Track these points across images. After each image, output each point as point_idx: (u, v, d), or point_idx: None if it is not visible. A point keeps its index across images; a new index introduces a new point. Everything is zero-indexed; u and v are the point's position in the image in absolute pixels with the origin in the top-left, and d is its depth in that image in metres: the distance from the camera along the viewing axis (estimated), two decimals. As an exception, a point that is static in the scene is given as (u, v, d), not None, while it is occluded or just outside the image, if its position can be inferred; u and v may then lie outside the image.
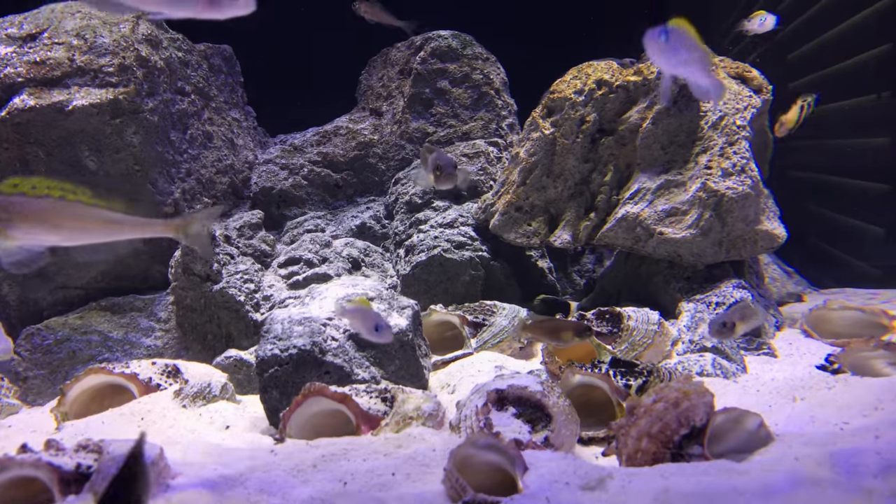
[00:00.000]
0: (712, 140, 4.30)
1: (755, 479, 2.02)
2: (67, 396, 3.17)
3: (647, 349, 3.52)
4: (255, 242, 4.37)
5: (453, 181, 2.75)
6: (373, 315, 2.52)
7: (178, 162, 4.15)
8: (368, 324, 2.51)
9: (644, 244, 4.32)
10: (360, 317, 2.58)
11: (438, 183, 2.74)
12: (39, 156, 3.66)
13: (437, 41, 5.29)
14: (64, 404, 3.15)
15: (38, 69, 3.65)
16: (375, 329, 2.47)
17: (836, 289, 5.93)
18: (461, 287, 4.54)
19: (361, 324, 2.57)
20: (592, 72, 4.52)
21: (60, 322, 3.84)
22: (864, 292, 5.69)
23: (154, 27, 4.12)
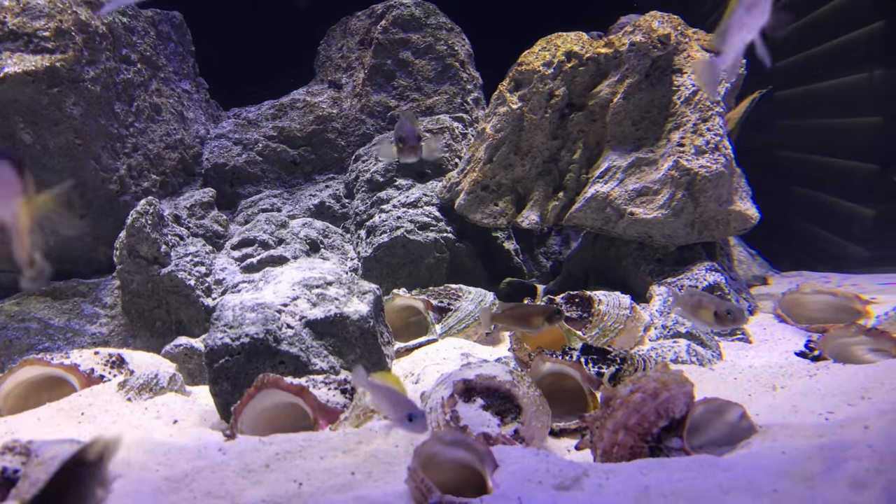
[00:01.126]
0: (685, 116, 4.18)
1: (741, 475, 1.91)
2: (0, 391, 2.94)
3: (618, 335, 3.40)
4: (206, 222, 4.15)
5: (416, 154, 2.57)
6: (405, 402, 2.06)
7: (123, 136, 3.90)
8: (399, 412, 2.05)
9: (614, 225, 4.20)
10: (388, 400, 2.10)
11: (401, 156, 2.55)
12: (-33, 128, 3.39)
13: (398, 9, 5.07)
14: (-5, 399, 2.93)
15: (-37, 32, 3.37)
16: (409, 419, 2.04)
17: (794, 272, 5.94)
18: (425, 270, 4.38)
19: (390, 409, 2.09)
20: (562, 43, 4.36)
21: (-5, 308, 3.60)
22: (819, 276, 5.73)
23: (94, -11, 3.84)
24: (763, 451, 2.15)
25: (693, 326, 3.39)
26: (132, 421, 2.80)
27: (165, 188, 4.23)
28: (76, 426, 2.78)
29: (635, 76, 4.18)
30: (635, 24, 4.28)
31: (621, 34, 4.30)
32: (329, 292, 3.13)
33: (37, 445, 2.12)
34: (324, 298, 3.08)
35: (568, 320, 3.55)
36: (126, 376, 3.10)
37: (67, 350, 3.60)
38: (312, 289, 3.12)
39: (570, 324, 3.53)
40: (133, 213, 3.53)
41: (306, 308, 3.02)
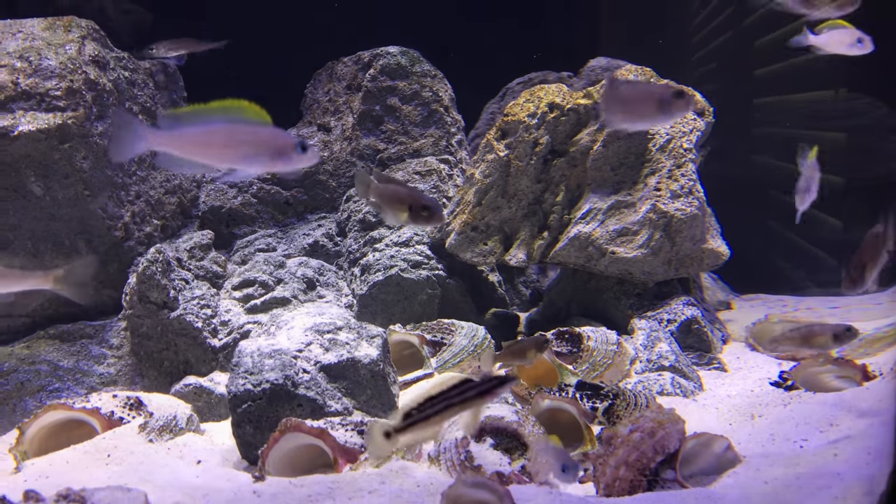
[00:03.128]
0: (660, 162, 4.52)
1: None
2: (26, 435, 3.10)
3: (607, 369, 3.69)
4: (206, 264, 4.34)
5: (440, 220, 2.75)
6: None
7: (126, 185, 4.08)
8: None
9: (596, 262, 4.51)
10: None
11: (418, 222, 2.74)
12: (-18, 182, 3.56)
13: (385, 58, 5.35)
14: (23, 443, 3.08)
15: (-21, 92, 3.54)
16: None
17: (752, 294, 6.31)
18: (418, 306, 4.62)
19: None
20: (544, 95, 4.68)
21: (6, 352, 3.73)
22: (775, 298, 6.13)
23: (100, 47, 4.03)
24: (748, 480, 2.44)
25: (676, 360, 3.69)
26: (158, 461, 2.98)
27: (165, 231, 4.42)
28: (104, 468, 2.96)
29: (614, 126, 4.51)
30: (612, 76, 4.62)
31: (599, 87, 4.63)
32: (340, 337, 3.35)
33: (89, 493, 2.31)
34: (335, 343, 3.31)
35: (558, 355, 3.83)
36: (145, 418, 3.28)
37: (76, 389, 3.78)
38: (324, 334, 3.35)
39: (561, 358, 3.80)
40: (143, 261, 3.73)
41: (320, 353, 3.25)
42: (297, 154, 2.11)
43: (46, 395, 3.66)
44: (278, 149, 2.09)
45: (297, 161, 2.14)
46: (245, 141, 2.08)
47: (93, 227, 3.86)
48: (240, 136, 2.08)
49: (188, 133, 2.05)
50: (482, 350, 4.16)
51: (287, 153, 2.10)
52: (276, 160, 2.12)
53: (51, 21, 3.91)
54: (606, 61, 6.76)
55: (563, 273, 5.28)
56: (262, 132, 2.11)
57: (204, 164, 2.14)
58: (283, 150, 2.10)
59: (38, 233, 3.76)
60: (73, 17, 3.99)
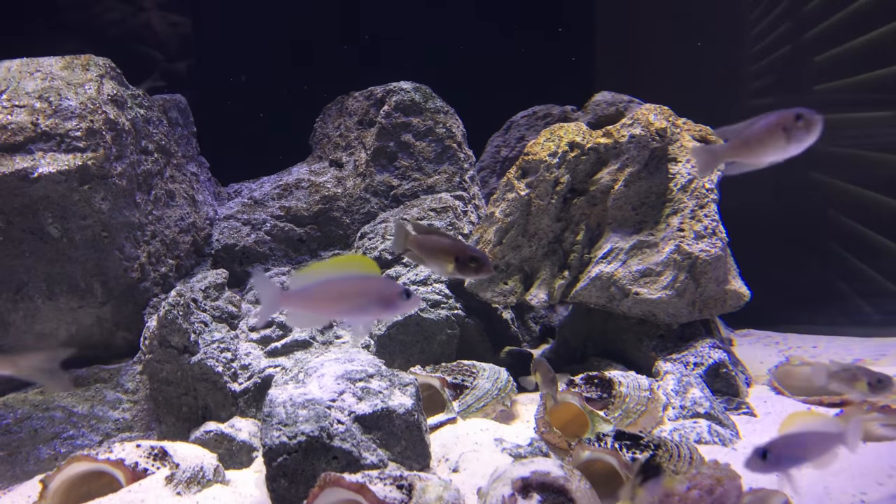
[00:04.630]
0: (682, 202, 4.54)
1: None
2: (49, 488, 3.03)
3: (641, 416, 3.67)
4: (221, 304, 4.29)
5: (489, 272, 2.73)
6: None
7: (143, 224, 4.04)
8: None
9: (619, 303, 4.50)
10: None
11: (465, 274, 2.71)
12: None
13: (399, 94, 5.36)
14: (45, 497, 3.01)
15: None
16: None
17: (743, 330, 6.38)
18: (437, 347, 4.59)
19: None
20: (564, 134, 4.70)
21: (20, 399, 3.66)
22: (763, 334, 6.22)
23: (118, 85, 4.01)
24: (811, 540, 2.42)
25: (711, 406, 3.68)
26: (188, 519, 2.92)
27: (180, 271, 4.37)
28: (133, 527, 2.89)
29: (635, 166, 4.53)
30: (633, 117, 4.65)
31: (619, 126, 4.66)
32: (372, 385, 3.31)
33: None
34: (368, 392, 3.27)
35: (588, 401, 3.80)
36: (171, 469, 3.22)
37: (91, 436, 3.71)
38: (356, 382, 3.31)
39: (591, 404, 3.77)
40: (165, 304, 3.67)
41: (353, 403, 3.20)
42: (403, 301, 2.32)
43: (61, 443, 3.59)
44: (387, 298, 2.31)
45: (402, 307, 2.36)
46: (357, 293, 2.32)
47: (109, 269, 3.81)
48: (352, 290, 2.32)
49: (309, 291, 2.29)
50: (505, 394, 4.13)
51: (394, 301, 2.32)
52: (385, 308, 2.34)
53: (69, 60, 3.88)
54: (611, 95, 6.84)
55: (577, 311, 5.28)
56: (372, 284, 2.35)
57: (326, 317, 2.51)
58: (391, 299, 2.32)
59: (53, 275, 3.70)
60: (91, 56, 3.97)
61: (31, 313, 3.77)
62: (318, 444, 3.01)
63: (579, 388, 3.86)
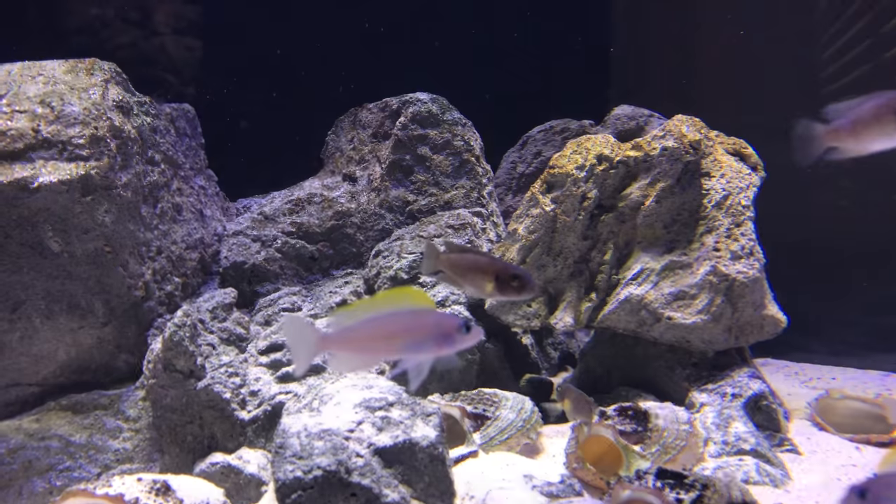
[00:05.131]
0: (717, 220, 4.34)
1: None
2: (41, 529, 2.81)
3: (680, 452, 3.44)
4: (229, 325, 4.08)
5: (533, 291, 2.52)
6: None
7: (148, 240, 3.84)
8: None
9: (649, 328, 4.29)
10: None
11: (507, 295, 2.50)
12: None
13: (416, 105, 5.19)
14: (37, 539, 2.79)
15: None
16: None
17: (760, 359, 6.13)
18: (456, 374, 4.37)
19: None
20: (592, 146, 4.51)
21: (13, 427, 3.44)
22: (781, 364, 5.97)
23: (124, 91, 3.83)
24: None
25: (758, 443, 3.45)
26: (194, 563, 2.70)
27: (186, 290, 4.17)
28: (133, 571, 2.67)
29: (667, 180, 4.34)
30: (664, 128, 4.46)
31: (650, 138, 4.46)
32: (393, 415, 3.10)
33: None
34: (389, 423, 3.05)
35: (622, 434, 3.58)
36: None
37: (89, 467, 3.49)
38: (375, 411, 3.09)
39: (624, 438, 3.55)
40: (171, 325, 3.46)
41: (373, 434, 2.99)
42: (462, 335, 2.09)
43: (56, 475, 3.37)
44: (444, 333, 2.08)
45: (461, 342, 2.11)
46: (409, 330, 2.08)
47: (111, 287, 3.61)
48: (403, 326, 2.08)
49: (354, 330, 2.05)
50: (530, 426, 3.91)
51: (452, 336, 2.08)
52: (442, 344, 2.09)
53: (72, 64, 3.71)
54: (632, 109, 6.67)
55: (599, 336, 5.05)
56: (426, 318, 2.12)
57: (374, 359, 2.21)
58: (449, 333, 2.08)
59: (52, 292, 3.50)
60: (96, 60, 3.80)
61: (28, 334, 3.57)
62: (336, 479, 2.79)
63: (612, 421, 3.64)
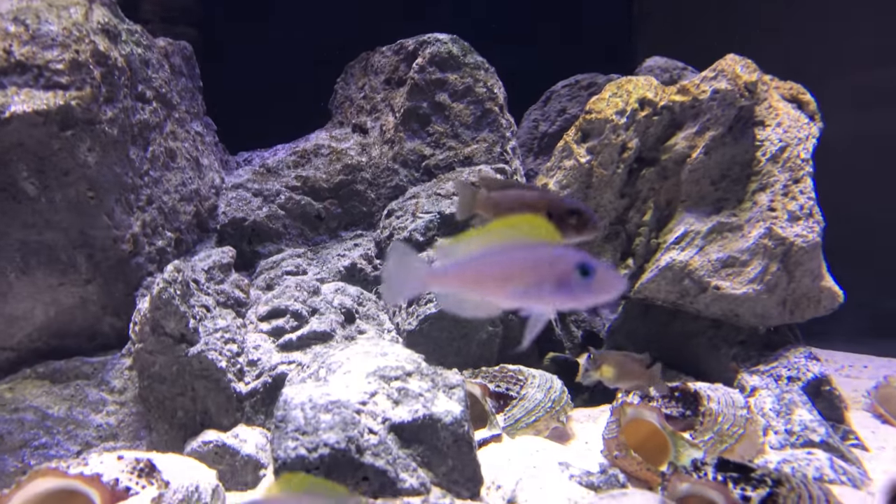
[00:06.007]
0: (772, 175, 3.96)
1: None
2: (5, 511, 2.49)
3: (738, 442, 3.05)
4: (226, 288, 3.74)
5: (596, 230, 2.10)
6: None
7: (137, 187, 3.49)
8: None
9: (693, 300, 3.93)
10: None
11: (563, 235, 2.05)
12: (-38, 177, 2.96)
13: (434, 45, 4.79)
14: (0, 522, 2.47)
15: (-38, 63, 2.95)
16: None
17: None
18: (476, 346, 4.02)
19: None
20: (633, 89, 4.11)
21: (-18, 395, 3.13)
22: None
23: (111, 14, 3.46)
24: None
25: (827, 434, 3.08)
26: (180, 553, 2.38)
27: (179, 247, 3.83)
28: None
29: (718, 128, 3.95)
30: (716, 68, 4.05)
31: (699, 80, 4.06)
32: (410, 386, 2.76)
33: None
34: (406, 395, 2.72)
35: (668, 418, 3.23)
36: (159, 488, 2.67)
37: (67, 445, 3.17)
38: (391, 381, 2.76)
39: (671, 423, 3.20)
40: (160, 281, 3.12)
41: (388, 407, 2.66)
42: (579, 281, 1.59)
43: (30, 453, 3.05)
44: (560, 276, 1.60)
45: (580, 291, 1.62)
46: (525, 270, 1.63)
47: (95, 239, 3.27)
48: (520, 265, 1.63)
49: (465, 267, 1.66)
50: (560, 407, 3.56)
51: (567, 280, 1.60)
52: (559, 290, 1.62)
53: (51, -19, 3.34)
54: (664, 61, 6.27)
55: (630, 311, 4.69)
56: (544, 255, 1.65)
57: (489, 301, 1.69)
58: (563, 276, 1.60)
59: (29, 244, 3.16)
60: (78, -21, 3.43)
61: (1, 291, 3.23)
62: (345, 458, 2.46)
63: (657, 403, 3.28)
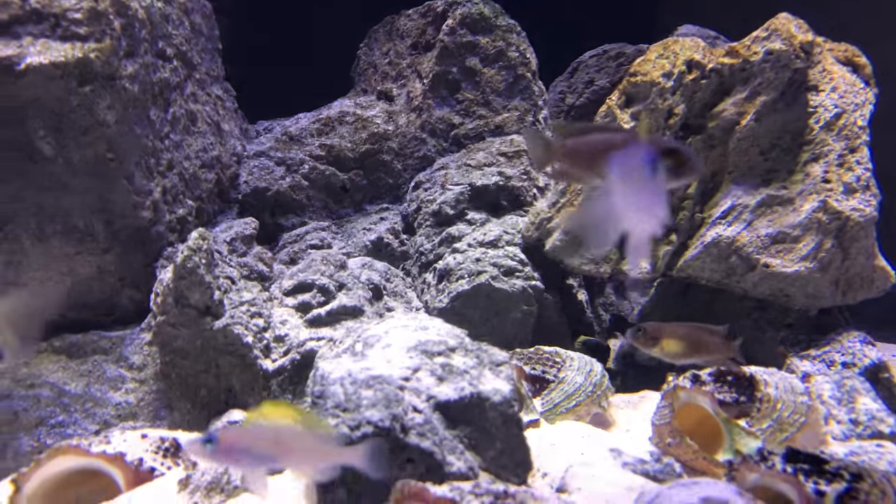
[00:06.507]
0: (826, 145, 3.78)
1: None
2: (23, 490, 2.35)
3: (800, 431, 2.87)
4: (249, 261, 3.59)
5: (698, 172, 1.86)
6: None
7: (158, 150, 3.33)
8: None
9: (739, 279, 3.76)
10: None
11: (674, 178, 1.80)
12: (-27, 134, 2.80)
13: (466, 6, 4.61)
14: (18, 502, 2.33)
15: (-25, 11, 2.78)
16: None
17: None
18: (510, 326, 3.87)
19: None
20: (680, 50, 3.91)
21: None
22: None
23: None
24: None
25: (898, 425, 2.92)
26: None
27: (200, 217, 3.68)
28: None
29: (770, 93, 3.76)
30: (768, 27, 3.84)
31: (750, 41, 3.85)
32: (454, 362, 2.61)
33: None
34: (451, 371, 2.57)
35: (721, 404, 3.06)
36: (186, 469, 2.55)
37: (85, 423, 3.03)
38: (433, 357, 2.61)
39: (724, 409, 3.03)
40: (184, 248, 2.97)
41: (432, 384, 2.50)
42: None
43: (47, 432, 2.92)
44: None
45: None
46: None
47: (115, 205, 3.11)
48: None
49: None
50: (601, 392, 3.40)
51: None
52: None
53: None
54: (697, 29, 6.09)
55: (665, 291, 4.53)
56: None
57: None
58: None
59: (45, 208, 3.00)
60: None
61: (15, 258, 3.08)
62: (390, 438, 2.31)
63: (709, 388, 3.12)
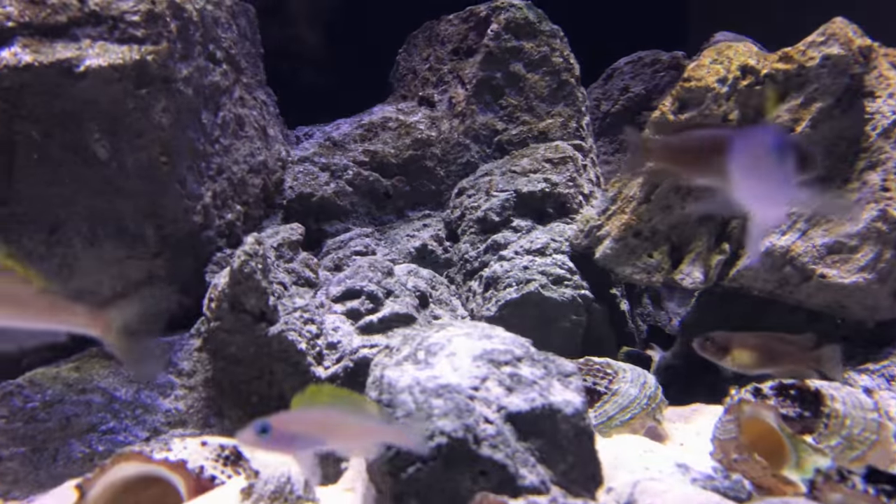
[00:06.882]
0: (884, 152, 3.73)
1: None
2: (88, 497, 2.32)
3: (872, 449, 2.81)
4: (296, 266, 3.56)
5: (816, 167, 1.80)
6: None
7: (208, 154, 3.32)
8: None
9: (793, 289, 3.71)
10: None
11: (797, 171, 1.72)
12: (32, 137, 2.76)
13: (510, 11, 4.59)
14: (83, 510, 2.30)
15: (35, 10, 2.75)
16: None
17: None
18: (558, 336, 3.82)
19: None
20: (734, 55, 3.90)
21: (50, 375, 2.95)
22: None
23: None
24: None
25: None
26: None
27: (248, 222, 3.66)
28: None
29: (827, 99, 3.72)
30: (825, 32, 3.81)
31: (805, 46, 3.82)
32: (522, 372, 2.57)
33: None
34: (519, 381, 2.53)
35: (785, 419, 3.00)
36: (248, 478, 2.51)
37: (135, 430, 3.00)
38: (500, 366, 2.57)
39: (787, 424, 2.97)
40: (241, 253, 2.94)
41: (501, 394, 2.46)
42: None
43: (98, 438, 2.89)
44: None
45: None
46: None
47: (166, 209, 3.09)
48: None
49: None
50: (656, 404, 3.35)
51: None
52: None
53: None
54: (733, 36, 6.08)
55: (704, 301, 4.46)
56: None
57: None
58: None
59: (97, 212, 2.98)
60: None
61: (67, 262, 3.06)
62: (463, 449, 2.27)
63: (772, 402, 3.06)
